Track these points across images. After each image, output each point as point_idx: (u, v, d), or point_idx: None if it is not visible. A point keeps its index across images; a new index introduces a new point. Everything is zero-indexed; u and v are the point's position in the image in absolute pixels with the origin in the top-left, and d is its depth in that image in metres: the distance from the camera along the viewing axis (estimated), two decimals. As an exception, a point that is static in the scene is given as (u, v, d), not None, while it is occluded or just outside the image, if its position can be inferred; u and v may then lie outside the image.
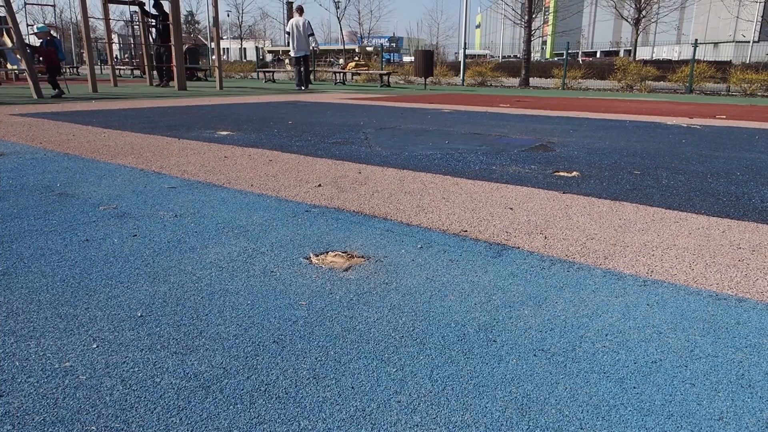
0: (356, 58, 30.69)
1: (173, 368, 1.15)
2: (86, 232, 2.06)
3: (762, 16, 30.39)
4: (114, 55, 17.12)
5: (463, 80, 21.53)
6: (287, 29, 14.24)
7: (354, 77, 22.92)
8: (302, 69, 14.39)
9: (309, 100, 10.30)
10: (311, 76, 21.20)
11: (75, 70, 26.59)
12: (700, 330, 1.40)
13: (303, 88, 14.36)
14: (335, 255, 1.88)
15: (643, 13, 24.91)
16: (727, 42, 44.92)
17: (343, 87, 17.36)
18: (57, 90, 9.79)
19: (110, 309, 1.42)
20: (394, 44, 58.66)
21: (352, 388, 1.11)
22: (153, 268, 1.71)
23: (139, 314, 1.40)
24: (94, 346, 1.24)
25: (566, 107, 9.75)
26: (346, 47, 41.15)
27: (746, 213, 2.55)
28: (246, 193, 2.75)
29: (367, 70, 22.74)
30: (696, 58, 17.48)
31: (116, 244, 1.92)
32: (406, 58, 42.92)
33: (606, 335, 1.36)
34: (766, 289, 1.67)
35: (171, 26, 12.36)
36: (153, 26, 14.56)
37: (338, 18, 40.53)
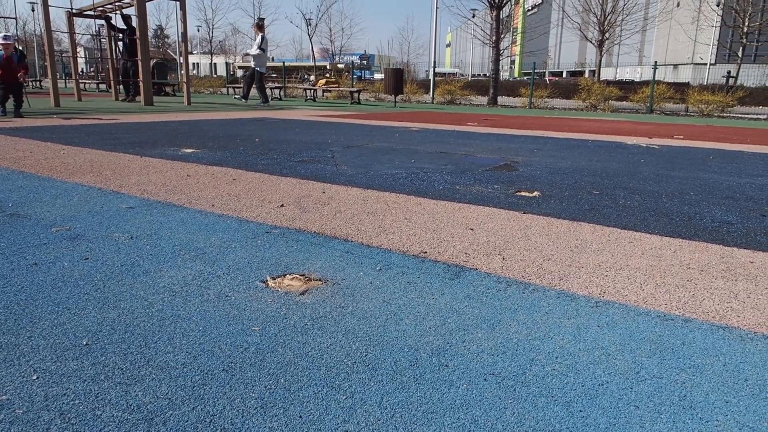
0: (327, 75, 30.81)
1: (116, 400, 1.13)
2: (35, 255, 2.00)
3: (718, 40, 31.57)
4: (79, 69, 16.86)
5: (433, 98, 21.77)
6: (263, 45, 14.29)
7: (325, 94, 22.97)
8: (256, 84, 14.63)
9: (278, 117, 10.28)
10: (281, 93, 21.21)
11: (38, 83, 26.04)
12: (646, 351, 1.43)
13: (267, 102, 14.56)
14: (293, 278, 1.87)
15: (607, 35, 25.62)
16: (686, 64, 46.54)
17: (313, 104, 17.38)
18: None
19: (54, 337, 1.38)
20: (365, 62, 59.08)
21: (300, 417, 1.10)
22: (103, 293, 1.67)
23: (85, 342, 1.36)
24: (34, 377, 1.20)
25: (532, 126, 9.93)
26: (318, 64, 41.27)
27: (697, 233, 2.63)
28: (206, 213, 2.72)
29: (338, 87, 22.83)
30: (656, 79, 18.04)
31: (66, 268, 1.88)
32: (378, 76, 43.26)
33: (556, 358, 1.38)
34: (712, 309, 1.72)
35: (138, 41, 12.23)
36: (120, 40, 14.39)
37: (309, 35, 40.69)
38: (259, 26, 14.45)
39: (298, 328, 1.49)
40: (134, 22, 12.75)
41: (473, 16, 29.74)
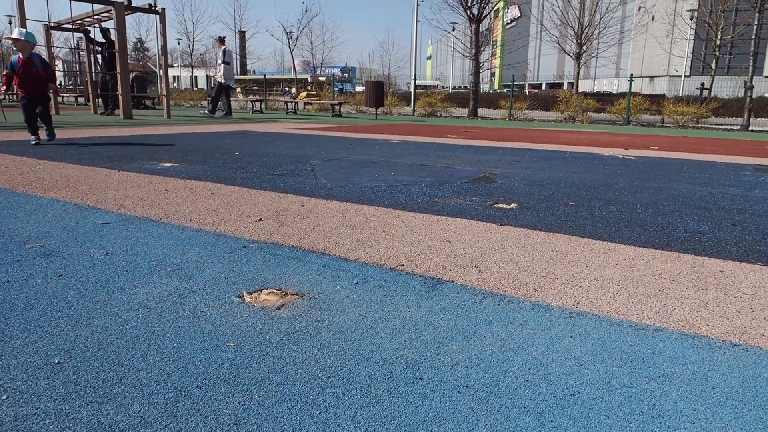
0: (308, 88, 30.85)
1: (87, 419, 1.12)
2: (8, 272, 1.98)
3: (692, 53, 32.31)
4: (58, 82, 16.67)
5: (414, 110, 21.92)
6: (227, 59, 14.37)
7: (306, 107, 23.01)
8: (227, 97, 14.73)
9: (258, 130, 10.26)
10: (262, 106, 21.17)
11: (14, 96, 25.71)
12: (618, 361, 1.46)
13: (231, 116, 14.62)
14: (269, 293, 1.87)
15: (584, 48, 26.03)
16: (661, 76, 47.50)
17: (294, 117, 17.38)
18: None
19: (26, 356, 1.37)
20: (346, 74, 59.27)
21: (273, 432, 1.10)
22: (76, 311, 1.66)
23: (57, 361, 1.35)
24: (4, 397, 1.19)
25: (511, 138, 10.04)
26: (299, 77, 41.31)
27: (669, 243, 2.68)
28: (183, 228, 2.70)
29: (319, 99, 22.88)
30: (633, 91, 18.37)
31: (39, 285, 1.86)
32: (359, 88, 43.40)
33: (529, 369, 1.40)
34: (682, 318, 1.75)
35: (117, 54, 12.15)
36: (99, 53, 14.30)
37: (290, 48, 40.75)
38: (221, 40, 14.59)
39: (274, 343, 1.49)
40: (113, 35, 12.68)
41: (453, 30, 30.09)
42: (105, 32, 13.67)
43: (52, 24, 14.00)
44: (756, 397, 1.29)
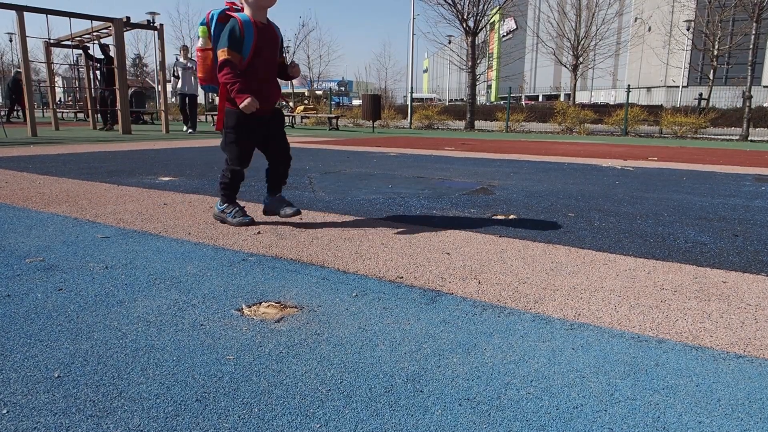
0: (305, 102, 30.98)
1: (86, 434, 1.11)
2: (8, 287, 1.97)
3: (689, 63, 32.52)
4: (57, 98, 16.73)
5: (411, 123, 21.99)
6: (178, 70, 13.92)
7: (303, 120, 23.08)
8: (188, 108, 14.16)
9: (257, 143, 10.27)
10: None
11: (15, 113, 25.75)
12: (621, 373, 1.45)
13: (192, 131, 13.96)
14: (268, 306, 1.86)
15: (581, 59, 26.20)
16: (659, 87, 47.79)
17: (291, 130, 17.43)
18: None
19: (26, 370, 1.36)
20: (343, 88, 59.54)
21: (274, 447, 1.09)
22: (76, 325, 1.65)
23: (57, 375, 1.34)
24: (4, 411, 1.18)
25: (508, 150, 10.07)
26: (296, 91, 41.50)
27: (671, 253, 2.68)
28: (182, 242, 2.70)
29: (316, 113, 22.96)
30: (630, 102, 18.46)
31: (39, 300, 1.85)
32: (356, 102, 43.60)
33: (531, 381, 1.39)
34: (685, 330, 1.74)
35: (115, 69, 12.20)
36: (98, 69, 14.36)
37: (287, 63, 40.96)
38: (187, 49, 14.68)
39: (273, 356, 1.49)
40: (112, 52, 12.73)
41: (449, 43, 30.29)
42: (104, 48, 13.73)
43: (52, 41, 14.08)
44: (762, 410, 1.29)
